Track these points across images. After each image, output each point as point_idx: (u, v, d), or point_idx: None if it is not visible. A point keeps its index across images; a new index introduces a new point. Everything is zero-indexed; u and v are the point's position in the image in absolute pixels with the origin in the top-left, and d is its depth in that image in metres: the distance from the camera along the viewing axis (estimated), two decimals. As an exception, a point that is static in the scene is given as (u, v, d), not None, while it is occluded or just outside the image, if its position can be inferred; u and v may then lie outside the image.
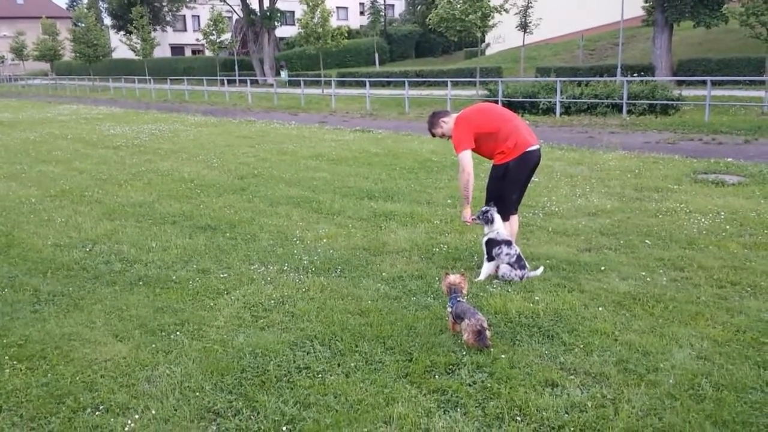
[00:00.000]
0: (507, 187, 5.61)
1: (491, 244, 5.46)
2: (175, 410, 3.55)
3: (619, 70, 24.94)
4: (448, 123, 5.65)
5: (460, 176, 5.57)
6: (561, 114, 19.51)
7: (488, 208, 5.56)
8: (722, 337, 4.23)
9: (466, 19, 26.85)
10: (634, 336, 4.27)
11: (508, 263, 5.37)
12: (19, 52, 65.67)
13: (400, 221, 7.47)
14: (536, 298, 4.95)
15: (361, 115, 23.13)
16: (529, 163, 5.56)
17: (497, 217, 5.51)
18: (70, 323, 4.77)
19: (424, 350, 4.14)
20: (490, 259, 5.47)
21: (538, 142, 5.62)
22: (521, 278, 5.34)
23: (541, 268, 5.52)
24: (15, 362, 4.16)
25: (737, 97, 20.08)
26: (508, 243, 5.43)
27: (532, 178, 5.99)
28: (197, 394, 3.71)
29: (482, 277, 5.46)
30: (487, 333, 4.13)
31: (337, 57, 48.13)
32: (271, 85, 36.95)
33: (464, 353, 4.07)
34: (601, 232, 6.77)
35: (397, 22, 66.67)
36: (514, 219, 5.85)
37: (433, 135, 5.82)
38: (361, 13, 68.86)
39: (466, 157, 5.47)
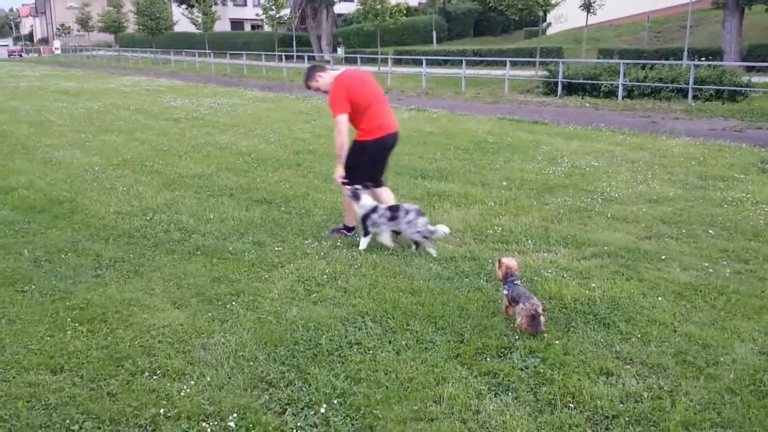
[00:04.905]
0: (362, 163, 5.88)
1: (364, 220, 5.75)
2: (230, 378, 3.62)
3: (685, 53, 24.07)
4: (323, 78, 5.88)
5: (336, 138, 5.77)
6: (623, 97, 18.97)
7: (358, 187, 5.77)
8: (788, 334, 4.07)
9: (528, -3, 26.29)
10: (694, 328, 4.15)
11: (384, 222, 5.69)
12: (84, 23, 67.46)
13: (453, 202, 7.42)
14: (593, 285, 4.85)
15: (416, 94, 22.98)
16: (386, 144, 5.93)
17: (364, 196, 5.75)
18: (130, 289, 4.91)
19: (476, 332, 4.11)
20: (367, 233, 5.77)
21: (397, 127, 5.98)
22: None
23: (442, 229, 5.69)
24: (76, 324, 4.30)
25: (811, 85, 19.13)
26: (375, 209, 5.71)
27: (592, 163, 5.86)
28: (251, 363, 3.78)
29: (362, 246, 5.78)
30: (542, 318, 4.07)
31: (394, 34, 47.78)
32: (328, 62, 37.01)
33: (517, 337, 4.03)
34: (662, 220, 6.57)
35: (456, -1, 65.71)
36: (385, 190, 6.13)
37: (308, 87, 6.02)
38: (420, -10, 68.06)
39: (343, 120, 5.69)
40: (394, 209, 5.72)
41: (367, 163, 5.92)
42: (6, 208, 7.25)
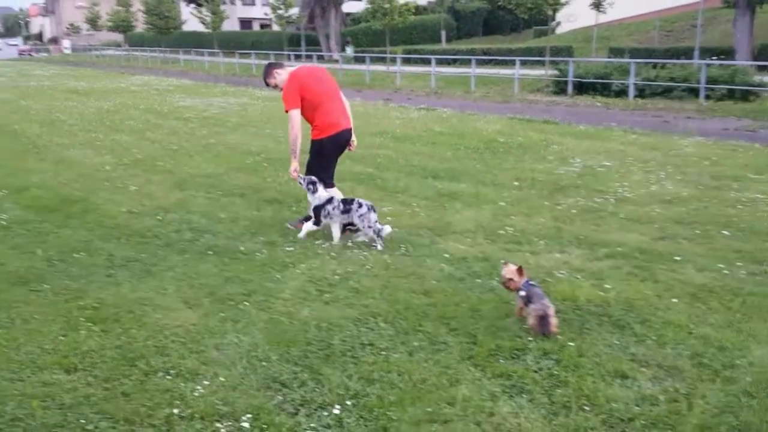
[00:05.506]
0: (323, 162, 6.14)
1: (318, 210, 5.91)
2: (243, 378, 3.62)
3: (696, 52, 23.94)
4: (281, 75, 6.04)
5: (289, 133, 5.99)
6: (634, 97, 18.88)
7: (315, 179, 5.95)
8: (805, 336, 4.03)
9: (538, -4, 26.22)
10: (709, 330, 4.11)
11: (340, 213, 5.86)
12: (93, 22, 67.81)
13: (465, 202, 7.39)
14: (606, 286, 4.82)
15: (425, 93, 22.95)
16: (339, 141, 6.13)
17: (320, 188, 5.93)
18: (142, 288, 4.91)
19: (489, 333, 4.09)
20: (317, 223, 5.95)
21: (350, 124, 6.21)
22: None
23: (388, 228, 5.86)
24: (90, 324, 4.30)
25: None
26: (330, 200, 5.89)
27: (604, 163, 5.84)
28: (264, 363, 3.77)
29: (302, 235, 6.02)
30: (552, 320, 4.03)
31: (403, 33, 47.67)
32: (337, 61, 37.01)
33: (530, 339, 4.00)
34: (676, 221, 6.53)
35: (465, -2, 65.50)
36: (335, 190, 6.24)
37: (267, 84, 6.20)
38: (429, -11, 67.86)
39: (296, 116, 5.88)
40: (348, 202, 5.85)
41: (327, 161, 6.17)
42: (19, 208, 7.28)
